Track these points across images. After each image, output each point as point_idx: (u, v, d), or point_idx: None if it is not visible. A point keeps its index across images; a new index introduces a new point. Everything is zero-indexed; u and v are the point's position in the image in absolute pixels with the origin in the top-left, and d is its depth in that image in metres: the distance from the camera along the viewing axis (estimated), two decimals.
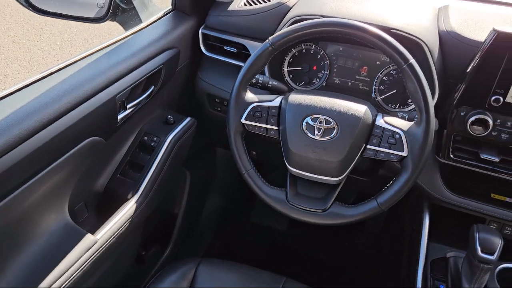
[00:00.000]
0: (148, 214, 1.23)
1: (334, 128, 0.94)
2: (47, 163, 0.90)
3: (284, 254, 1.86)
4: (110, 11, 1.20)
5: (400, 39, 0.95)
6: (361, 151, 0.96)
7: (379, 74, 1.20)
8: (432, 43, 1.07)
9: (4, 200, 0.83)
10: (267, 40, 0.98)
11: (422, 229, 1.16)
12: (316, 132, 0.95)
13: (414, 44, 1.06)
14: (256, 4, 1.27)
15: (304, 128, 0.96)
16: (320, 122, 0.95)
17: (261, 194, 1.02)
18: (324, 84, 1.26)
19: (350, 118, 0.94)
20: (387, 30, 1.06)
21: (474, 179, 1.13)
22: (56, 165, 0.92)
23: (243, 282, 1.14)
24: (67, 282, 0.96)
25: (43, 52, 3.61)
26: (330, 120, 0.94)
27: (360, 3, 1.18)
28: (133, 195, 1.15)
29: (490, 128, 1.01)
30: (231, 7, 1.29)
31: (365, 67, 1.22)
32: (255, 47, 1.22)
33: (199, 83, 1.39)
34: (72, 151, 0.95)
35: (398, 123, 0.94)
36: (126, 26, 1.28)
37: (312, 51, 1.26)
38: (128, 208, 1.12)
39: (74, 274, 0.97)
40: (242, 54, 1.26)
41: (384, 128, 0.94)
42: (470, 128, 1.03)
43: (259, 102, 1.01)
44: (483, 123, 1.01)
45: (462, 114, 1.04)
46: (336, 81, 1.26)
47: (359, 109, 0.95)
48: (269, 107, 1.01)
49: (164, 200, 1.38)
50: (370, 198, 0.96)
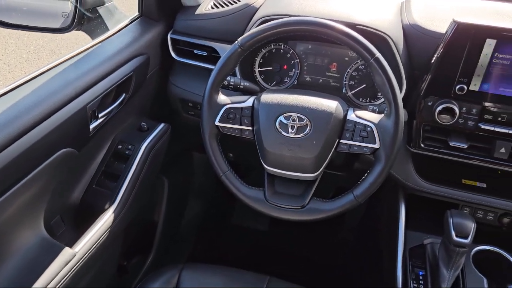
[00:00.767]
0: (127, 224, 1.22)
1: (307, 125, 0.95)
2: (18, 177, 0.88)
3: (267, 253, 1.87)
4: (76, 21, 1.18)
5: (365, 35, 0.98)
6: (335, 146, 0.97)
7: (348, 70, 1.23)
8: (396, 37, 1.10)
9: None
10: (236, 41, 0.98)
11: (399, 218, 1.19)
12: (290, 130, 0.96)
13: (379, 39, 1.08)
14: (223, 6, 1.27)
15: (278, 126, 0.97)
16: (293, 120, 0.96)
17: (239, 195, 1.02)
18: (295, 83, 1.28)
19: (322, 114, 0.96)
20: (353, 26, 1.08)
21: (445, 166, 1.17)
22: (28, 179, 0.90)
23: (227, 284, 1.14)
24: None
25: (9, 66, 3.52)
26: (303, 117, 0.96)
27: (325, 1, 1.20)
28: (110, 205, 1.14)
29: (457, 116, 1.05)
30: (199, 11, 1.29)
31: (334, 63, 1.25)
32: (224, 50, 1.22)
33: (171, 88, 1.38)
34: (44, 164, 0.93)
35: (369, 117, 0.96)
36: (93, 35, 1.26)
37: (282, 50, 1.27)
38: (106, 219, 1.11)
39: None
40: (212, 57, 1.26)
41: (355, 122, 0.96)
42: (438, 117, 1.06)
43: (232, 103, 1.02)
44: (450, 112, 1.05)
45: (430, 104, 1.07)
46: (307, 79, 1.28)
47: (331, 105, 0.97)
48: (242, 108, 1.01)
49: (143, 208, 1.37)
50: (347, 191, 0.98)
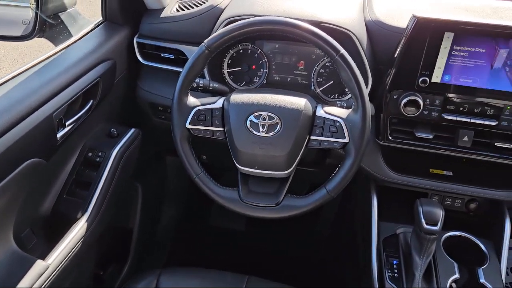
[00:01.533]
0: (101, 232, 1.20)
1: (278, 123, 0.96)
2: None
3: (246, 253, 1.88)
4: (37, 28, 1.16)
5: (330, 32, 1.00)
6: (305, 142, 0.99)
7: (315, 67, 1.25)
8: (360, 33, 1.12)
9: None
10: (203, 43, 0.98)
11: (371, 210, 1.22)
12: (260, 129, 0.97)
13: (343, 36, 1.11)
14: (188, 8, 1.27)
15: (248, 126, 0.97)
16: (264, 119, 0.97)
17: (214, 196, 1.02)
18: (264, 82, 1.29)
19: (291, 112, 0.97)
20: (317, 24, 1.10)
21: (413, 157, 1.20)
22: None
23: (206, 286, 1.14)
24: None
25: None
26: (273, 115, 0.97)
27: (289, 0, 1.22)
28: (82, 214, 1.12)
29: (421, 107, 1.08)
30: (164, 14, 1.28)
31: (302, 61, 1.26)
32: (192, 52, 1.21)
33: (140, 93, 1.36)
34: (10, 175, 0.91)
35: (337, 112, 0.98)
36: (56, 42, 1.23)
37: (249, 50, 1.28)
38: (79, 228, 1.09)
39: None
40: (180, 59, 1.25)
41: (324, 118, 0.97)
42: (403, 110, 1.09)
43: (202, 105, 1.02)
44: (415, 104, 1.08)
45: (395, 97, 1.10)
46: (276, 77, 1.29)
47: (299, 102, 0.98)
48: (212, 109, 1.01)
49: (117, 216, 1.35)
50: (320, 186, 1.00)
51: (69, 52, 1.15)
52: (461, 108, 1.08)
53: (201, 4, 1.26)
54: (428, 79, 1.06)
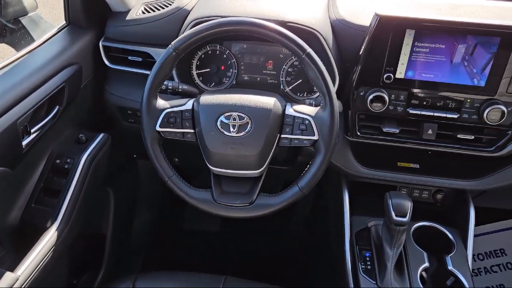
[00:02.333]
0: (72, 240, 1.17)
1: (248, 123, 0.97)
2: None
3: (222, 254, 1.88)
4: None
5: (296, 31, 1.01)
6: (276, 141, 1.00)
7: (284, 67, 1.26)
8: (325, 32, 1.14)
9: None
10: (170, 45, 0.98)
11: (343, 205, 1.24)
12: (231, 129, 0.97)
13: (310, 35, 1.12)
14: (154, 11, 1.26)
15: (219, 126, 0.98)
16: (234, 119, 0.97)
17: (187, 198, 1.02)
18: (234, 83, 1.29)
19: (261, 111, 0.98)
20: (284, 24, 1.11)
21: (382, 151, 1.24)
22: None
23: None
24: None
25: None
26: (243, 115, 0.97)
27: (256, 1, 1.23)
28: (52, 223, 1.09)
29: (387, 103, 1.11)
30: (129, 16, 1.26)
31: (270, 61, 1.28)
32: (159, 54, 1.20)
33: (108, 97, 1.34)
34: None
35: (306, 110, 1.00)
36: (18, 47, 1.20)
37: (218, 51, 1.28)
38: (49, 237, 1.06)
39: None
40: (148, 62, 1.24)
41: (294, 116, 0.99)
42: (370, 106, 1.12)
43: (171, 107, 1.01)
44: (381, 100, 1.11)
45: (362, 94, 1.12)
46: (245, 78, 1.30)
47: (269, 101, 0.99)
48: (182, 111, 1.01)
49: (89, 222, 1.32)
50: (292, 184, 1.01)
51: (32, 57, 1.12)
52: (424, 103, 1.12)
53: (167, 6, 1.25)
54: (392, 75, 1.09)
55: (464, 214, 1.23)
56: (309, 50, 0.95)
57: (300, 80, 1.25)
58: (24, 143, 1.02)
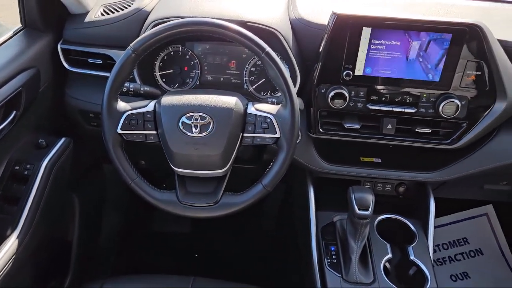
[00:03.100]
0: (35, 247, 1.14)
1: (210, 122, 0.97)
2: None
3: (192, 254, 1.87)
4: None
5: (256, 31, 1.02)
6: (239, 140, 1.00)
7: (247, 66, 1.27)
8: (285, 31, 1.16)
9: None
10: (129, 47, 0.97)
11: (309, 201, 1.26)
12: (193, 129, 0.97)
13: (270, 34, 1.14)
14: (113, 12, 1.24)
15: (181, 127, 0.97)
16: (196, 119, 0.97)
17: (151, 200, 1.02)
18: (198, 83, 1.29)
19: (223, 111, 0.98)
20: (243, 23, 1.12)
21: (344, 147, 1.26)
22: None
23: None
24: None
25: None
26: (205, 115, 0.97)
27: (217, 1, 1.23)
28: (12, 231, 1.06)
29: (347, 100, 1.14)
30: (88, 18, 1.24)
31: (233, 61, 1.28)
32: (120, 56, 1.19)
33: (68, 101, 1.32)
34: None
35: (267, 108, 1.01)
36: None
37: (180, 52, 1.28)
38: (9, 246, 1.03)
39: None
40: (109, 64, 1.23)
41: (256, 115, 1.00)
42: (331, 103, 1.14)
43: (133, 109, 1.01)
44: (341, 96, 1.13)
45: (323, 91, 1.14)
46: (208, 78, 1.30)
47: (230, 101, 1.00)
48: (143, 113, 1.01)
49: (53, 229, 1.29)
50: (256, 182, 1.02)
51: None
52: (383, 98, 1.15)
53: (126, 7, 1.24)
54: (351, 72, 1.12)
55: (425, 206, 1.27)
56: (268, 49, 0.96)
57: (263, 79, 1.26)
58: None
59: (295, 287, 1.51)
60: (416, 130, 1.17)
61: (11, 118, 1.09)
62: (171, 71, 1.28)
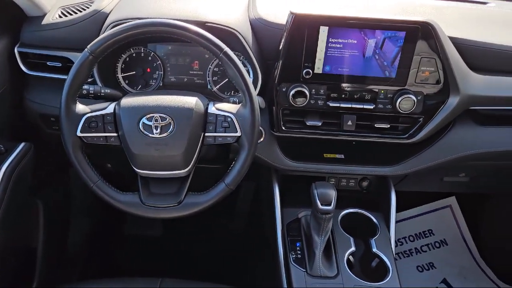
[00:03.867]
0: None
1: (170, 123, 0.98)
2: None
3: (164, 257, 1.86)
4: None
5: (215, 31, 1.03)
6: (201, 139, 1.01)
7: (210, 66, 1.28)
8: (245, 31, 1.17)
9: None
10: (86, 49, 0.97)
11: (274, 198, 1.28)
12: (154, 130, 0.97)
13: (229, 34, 1.15)
14: (71, 14, 1.22)
15: (142, 129, 0.97)
16: (156, 120, 0.97)
17: (114, 202, 1.02)
18: (161, 84, 1.29)
19: (183, 111, 0.99)
20: (202, 24, 1.13)
21: (308, 144, 1.29)
22: None
23: None
24: None
25: None
26: (165, 116, 0.98)
27: (175, 2, 1.23)
28: None
29: (308, 97, 1.16)
30: (46, 21, 1.22)
31: (196, 61, 1.29)
32: None
33: (28, 105, 1.29)
34: None
35: (228, 108, 1.02)
36: None
37: (142, 54, 1.27)
38: None
39: None
40: (68, 67, 1.18)
41: (216, 115, 1.01)
42: (292, 101, 1.16)
43: (92, 112, 1.00)
44: (302, 94, 1.15)
45: (284, 89, 1.16)
46: (172, 79, 1.30)
47: (190, 101, 1.00)
48: (103, 115, 1.00)
49: (15, 236, 1.26)
50: (219, 181, 1.03)
51: None
52: (343, 95, 1.18)
53: (84, 9, 1.23)
54: (311, 71, 1.14)
55: (387, 199, 1.30)
56: (226, 49, 0.97)
57: (227, 79, 1.27)
58: None
59: (262, 286, 1.53)
60: (375, 125, 1.20)
61: None
62: (134, 72, 1.27)
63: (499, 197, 1.93)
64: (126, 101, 1.01)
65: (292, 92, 1.15)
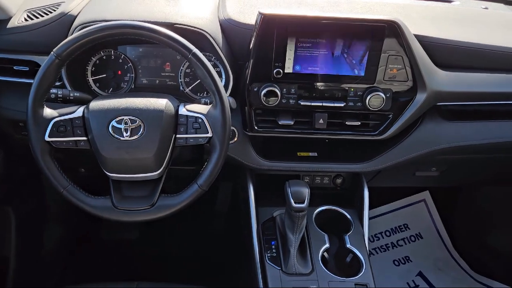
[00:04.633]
0: None
1: (141, 125, 0.97)
2: None
3: (141, 260, 1.85)
4: None
5: (184, 33, 1.03)
6: (172, 141, 1.01)
7: (181, 68, 1.27)
8: (214, 32, 1.17)
9: None
10: (52, 52, 0.96)
11: (249, 198, 1.28)
12: (124, 133, 0.97)
13: (198, 35, 1.15)
14: (38, 17, 1.20)
15: (111, 132, 0.97)
16: (126, 123, 0.97)
17: (85, 207, 1.01)
18: (133, 87, 1.28)
19: (153, 113, 0.98)
20: (171, 26, 1.12)
21: (281, 143, 1.30)
22: None
23: None
24: None
25: None
26: (135, 119, 0.97)
27: (143, 4, 1.22)
28: None
29: (280, 97, 1.17)
30: (11, 24, 1.20)
31: (167, 63, 1.28)
32: None
33: None
34: None
35: (198, 109, 1.02)
36: None
37: (113, 56, 1.26)
38: None
39: None
40: (36, 71, 1.17)
41: (187, 116, 1.01)
42: (264, 100, 1.16)
43: (60, 116, 0.99)
44: (273, 94, 1.16)
45: (256, 89, 1.17)
46: (144, 81, 1.29)
47: (160, 102, 1.00)
48: (72, 119, 0.99)
49: None
50: (191, 182, 1.03)
51: None
52: (314, 94, 1.19)
53: (51, 12, 1.20)
54: (281, 70, 1.15)
55: (361, 195, 1.32)
56: (194, 50, 0.97)
57: (199, 80, 1.27)
58: None
59: (239, 286, 1.53)
60: (346, 123, 1.22)
61: None
62: (104, 75, 1.26)
63: (471, 190, 1.98)
64: (95, 104, 1.00)
65: (264, 91, 1.15)
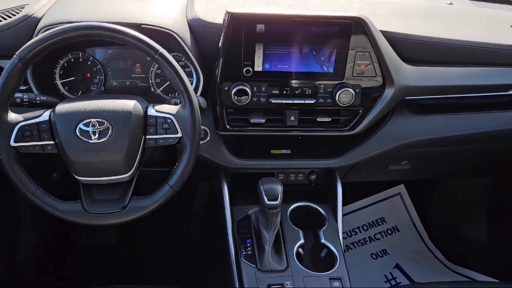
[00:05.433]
0: None
1: (109, 127, 0.96)
2: None
3: (118, 264, 1.83)
4: None
5: (151, 33, 1.02)
6: (142, 142, 1.00)
7: (152, 69, 1.27)
8: (182, 31, 1.17)
9: None
10: (14, 55, 0.94)
11: (223, 197, 1.28)
12: (92, 136, 0.96)
13: (166, 35, 1.14)
14: (1, 20, 1.18)
15: (79, 135, 0.96)
16: (93, 125, 0.96)
17: (55, 212, 0.99)
18: (102, 89, 1.27)
19: (121, 115, 0.97)
20: (138, 26, 1.11)
21: (254, 142, 1.30)
22: None
23: None
24: None
25: None
26: (102, 121, 0.96)
27: (110, 5, 1.21)
28: None
29: (250, 95, 1.17)
30: None
31: (138, 64, 1.27)
32: None
33: None
34: None
35: (167, 109, 1.01)
36: None
37: (81, 59, 1.25)
38: None
39: None
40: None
41: (156, 117, 1.00)
42: (235, 99, 1.16)
43: (26, 120, 0.97)
44: (244, 93, 1.16)
45: (226, 88, 1.17)
46: (114, 83, 1.28)
47: (128, 104, 0.99)
48: (38, 123, 0.97)
49: None
50: (163, 184, 1.02)
51: None
52: (284, 92, 1.19)
53: (14, 15, 1.18)
54: (251, 69, 1.15)
55: (334, 191, 1.34)
56: (161, 50, 0.97)
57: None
58: None
59: (216, 285, 1.53)
60: (317, 119, 1.23)
61: None
62: (73, 78, 1.24)
63: (445, 182, 2.02)
64: (62, 107, 0.98)
65: (234, 90, 1.15)
